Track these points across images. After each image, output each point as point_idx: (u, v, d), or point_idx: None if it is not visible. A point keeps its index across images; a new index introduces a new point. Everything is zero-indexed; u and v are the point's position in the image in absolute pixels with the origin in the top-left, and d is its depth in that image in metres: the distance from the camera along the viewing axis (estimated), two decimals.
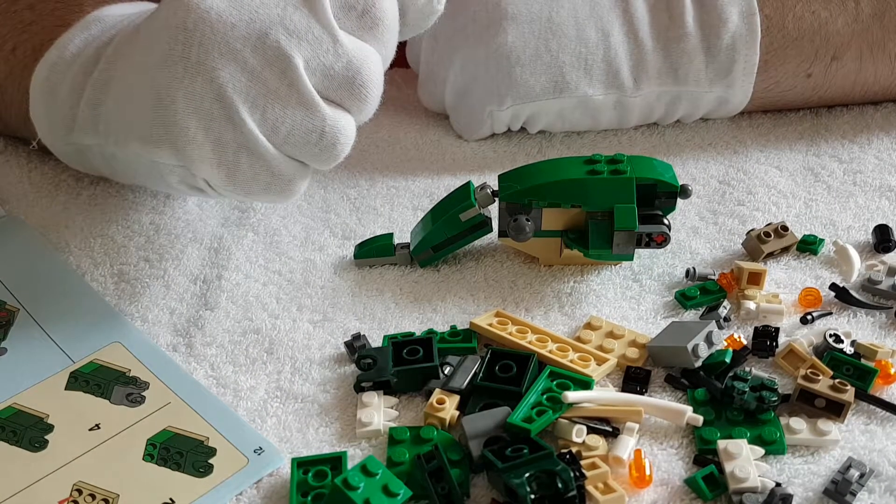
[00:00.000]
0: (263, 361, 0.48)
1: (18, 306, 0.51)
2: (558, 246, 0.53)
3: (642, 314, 0.50)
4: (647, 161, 0.51)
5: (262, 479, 0.41)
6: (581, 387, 0.44)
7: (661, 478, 0.41)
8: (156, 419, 0.44)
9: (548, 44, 0.61)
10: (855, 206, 0.58)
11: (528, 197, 0.51)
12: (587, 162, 0.51)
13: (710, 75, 0.62)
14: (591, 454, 0.41)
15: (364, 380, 0.45)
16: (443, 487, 0.39)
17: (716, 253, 0.55)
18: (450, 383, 0.44)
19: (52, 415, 0.45)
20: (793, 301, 0.50)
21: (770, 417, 0.42)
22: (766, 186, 0.61)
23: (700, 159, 0.64)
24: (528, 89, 0.62)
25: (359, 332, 0.49)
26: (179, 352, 0.49)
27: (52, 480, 0.41)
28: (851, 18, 0.63)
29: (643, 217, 0.50)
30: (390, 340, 0.47)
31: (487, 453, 0.39)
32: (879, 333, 0.48)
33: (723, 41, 0.61)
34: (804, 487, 0.40)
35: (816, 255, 0.54)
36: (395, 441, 0.42)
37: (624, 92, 0.63)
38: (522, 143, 0.67)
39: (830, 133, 0.66)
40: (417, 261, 0.54)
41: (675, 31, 0.61)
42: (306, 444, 0.43)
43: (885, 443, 0.42)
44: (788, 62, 0.63)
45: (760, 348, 0.46)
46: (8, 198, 0.60)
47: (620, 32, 0.62)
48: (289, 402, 0.45)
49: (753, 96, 0.64)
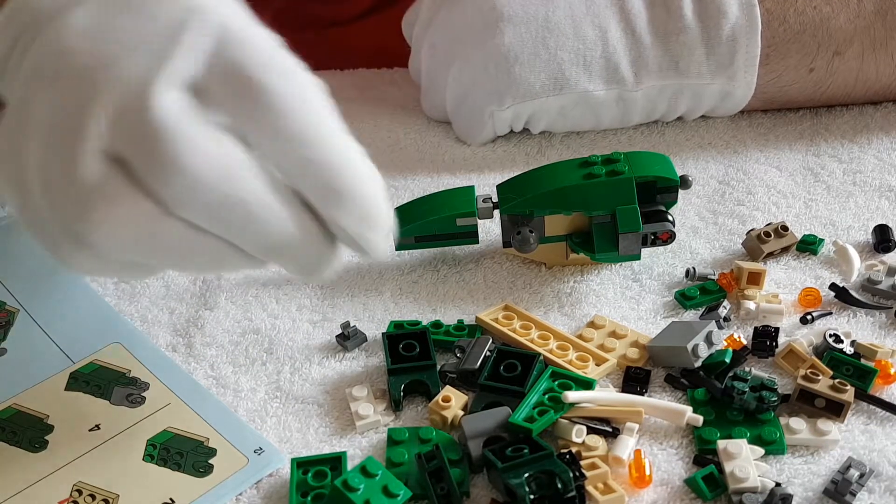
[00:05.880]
0: (263, 362, 0.48)
1: (18, 307, 0.51)
2: (564, 250, 0.53)
3: (642, 314, 0.50)
4: (644, 156, 0.51)
5: (262, 479, 0.41)
6: (583, 387, 0.44)
7: (661, 478, 0.41)
8: (156, 420, 0.44)
9: (545, 42, 0.62)
10: (855, 205, 0.58)
11: (528, 207, 0.51)
12: (583, 165, 0.51)
13: (712, 67, 0.62)
14: (591, 454, 0.41)
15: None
16: (442, 488, 0.39)
17: (715, 253, 0.55)
18: (464, 364, 0.44)
19: (52, 415, 0.45)
20: (792, 301, 0.50)
21: (770, 417, 0.42)
22: (765, 186, 0.61)
23: (700, 159, 0.64)
24: (527, 87, 0.62)
25: (347, 321, 0.49)
26: (179, 352, 0.49)
27: (53, 481, 0.41)
28: (854, 14, 0.63)
29: (646, 214, 0.50)
30: (386, 335, 0.47)
31: (488, 453, 0.39)
32: (879, 333, 0.48)
33: (723, 32, 0.61)
34: (804, 487, 0.40)
35: (816, 254, 0.54)
36: (394, 441, 0.42)
37: (625, 87, 0.63)
38: (522, 144, 0.67)
39: (830, 133, 0.66)
40: (395, 242, 0.53)
41: (674, 25, 0.62)
42: (306, 444, 0.43)
43: (884, 443, 0.42)
44: (791, 56, 0.63)
45: (760, 348, 0.46)
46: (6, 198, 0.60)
47: (618, 28, 0.62)
48: (288, 403, 0.45)
49: (756, 91, 0.64)
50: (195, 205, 0.33)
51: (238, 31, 0.34)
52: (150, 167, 0.32)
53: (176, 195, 0.33)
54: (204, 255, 0.35)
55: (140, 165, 0.33)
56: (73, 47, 0.33)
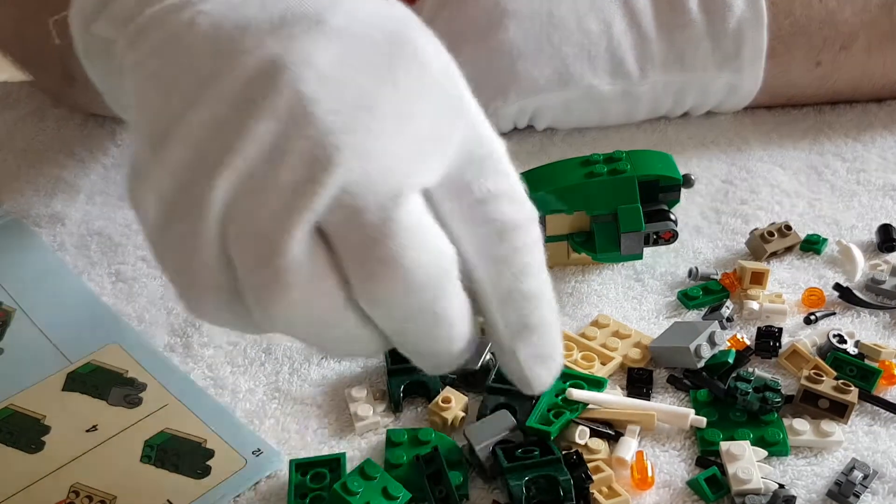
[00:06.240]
0: (261, 362, 0.48)
1: (15, 307, 0.51)
2: (565, 249, 0.52)
3: (644, 314, 0.50)
4: (647, 155, 0.51)
5: (260, 481, 0.41)
6: (595, 387, 0.43)
7: (664, 479, 0.40)
8: (153, 420, 0.44)
9: (549, 37, 0.61)
10: (858, 205, 0.58)
11: None
12: (584, 163, 0.50)
13: (718, 60, 0.62)
14: (594, 457, 0.40)
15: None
16: (440, 491, 0.38)
17: (718, 252, 0.54)
18: (465, 365, 0.44)
19: (49, 416, 0.44)
20: (796, 301, 0.50)
21: (773, 418, 0.42)
22: (769, 185, 0.60)
23: (703, 158, 0.64)
24: (532, 82, 0.62)
25: None
26: (177, 352, 0.48)
27: (50, 482, 0.41)
28: (860, 8, 0.63)
29: (648, 213, 0.49)
30: None
31: (499, 451, 0.39)
32: (883, 334, 0.48)
33: (728, 25, 0.61)
34: (807, 489, 0.39)
35: (820, 254, 0.54)
36: (392, 443, 0.42)
37: (630, 81, 0.62)
38: (523, 142, 0.66)
39: (834, 131, 0.66)
40: None
41: (679, 19, 0.61)
42: (304, 445, 0.43)
43: (888, 444, 0.41)
44: (797, 49, 0.63)
45: (763, 349, 0.46)
46: (5, 197, 0.60)
47: (622, 23, 0.62)
48: (287, 404, 0.45)
49: (763, 85, 0.64)
50: (392, 307, 0.31)
51: (487, 141, 0.33)
52: (364, 260, 0.29)
53: (377, 294, 0.30)
54: (352, 343, 0.33)
55: (351, 253, 0.30)
56: (317, 98, 0.29)
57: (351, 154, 0.29)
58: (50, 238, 0.56)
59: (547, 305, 0.35)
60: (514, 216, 0.33)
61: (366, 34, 0.31)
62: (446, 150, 0.31)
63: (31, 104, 0.70)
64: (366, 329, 0.32)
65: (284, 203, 0.29)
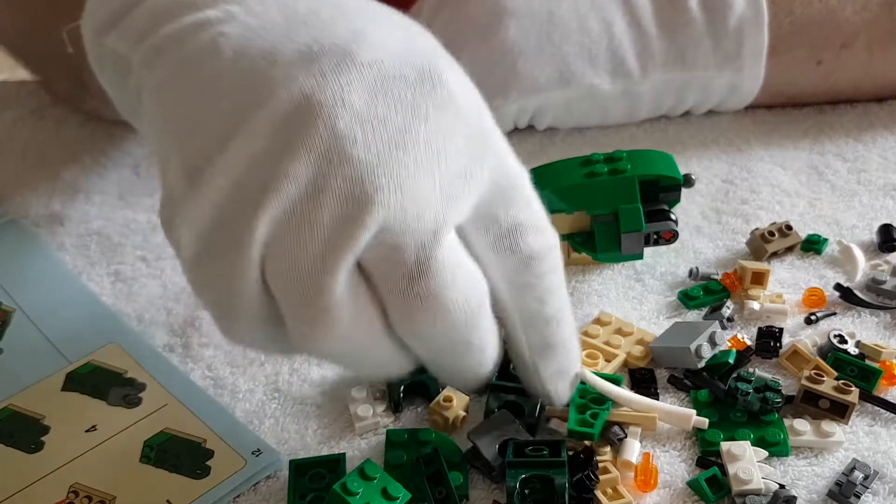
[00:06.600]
0: (261, 362, 0.48)
1: (14, 307, 0.51)
2: (565, 249, 0.52)
3: (645, 314, 0.50)
4: (647, 154, 0.51)
5: (259, 481, 0.41)
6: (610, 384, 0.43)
7: (664, 480, 0.40)
8: (153, 421, 0.44)
9: (550, 36, 0.61)
10: (859, 205, 0.58)
11: None
12: (584, 163, 0.50)
13: (719, 59, 0.62)
14: (600, 459, 0.40)
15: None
16: (440, 491, 0.38)
17: (719, 252, 0.54)
18: None
19: (48, 416, 0.44)
20: (797, 301, 0.50)
21: (774, 419, 0.42)
22: (769, 185, 0.60)
23: (703, 157, 0.64)
24: (532, 81, 0.62)
25: None
26: (176, 352, 0.48)
27: (49, 482, 0.41)
28: (860, 7, 0.63)
29: (648, 213, 0.49)
30: None
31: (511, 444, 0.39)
32: (884, 334, 0.48)
33: (729, 24, 0.61)
34: (808, 490, 0.39)
35: (820, 254, 0.54)
36: (392, 443, 0.42)
37: (631, 80, 0.62)
38: (523, 142, 0.66)
39: (834, 131, 0.66)
40: None
41: (680, 18, 0.61)
42: (304, 445, 0.43)
43: (889, 444, 0.41)
44: (798, 48, 0.63)
45: (764, 349, 0.46)
46: (4, 197, 0.60)
47: (623, 22, 0.62)
48: (287, 404, 0.45)
49: (764, 84, 0.64)
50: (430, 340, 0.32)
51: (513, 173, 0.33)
52: (405, 298, 0.30)
53: (416, 329, 0.31)
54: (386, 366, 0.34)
55: (392, 289, 0.30)
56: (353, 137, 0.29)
57: (389, 192, 0.29)
58: (49, 238, 0.56)
59: (567, 325, 0.36)
60: (539, 245, 0.34)
61: (396, 70, 0.31)
62: (478, 186, 0.32)
63: (30, 104, 0.70)
64: (400, 353, 0.33)
65: (326, 242, 0.29)
